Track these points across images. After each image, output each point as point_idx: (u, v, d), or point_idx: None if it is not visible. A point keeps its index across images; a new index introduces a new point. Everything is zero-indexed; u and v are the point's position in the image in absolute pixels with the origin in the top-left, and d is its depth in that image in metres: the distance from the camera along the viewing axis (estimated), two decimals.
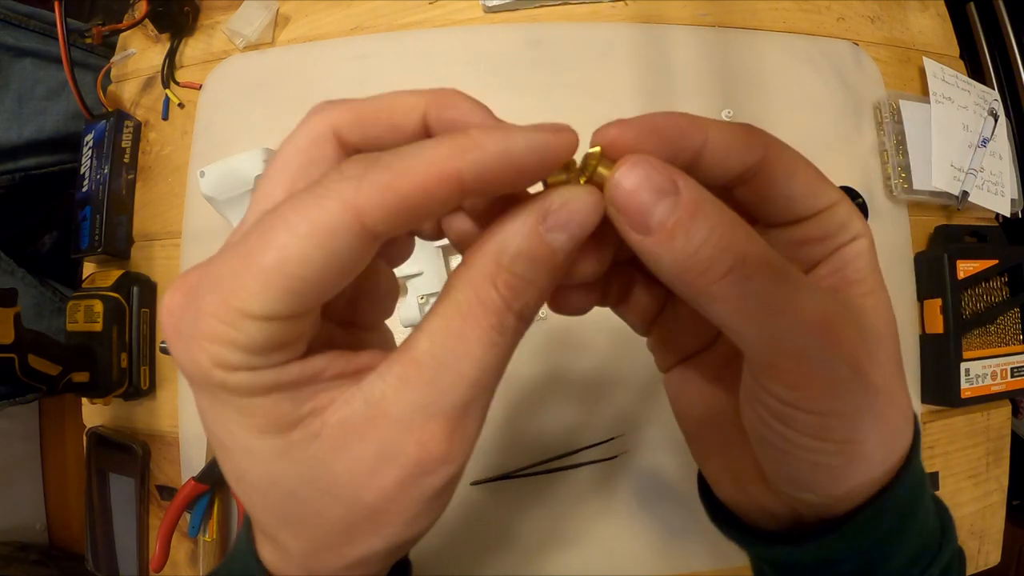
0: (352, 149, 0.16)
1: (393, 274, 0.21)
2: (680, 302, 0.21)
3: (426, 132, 0.16)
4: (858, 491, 0.18)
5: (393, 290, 0.21)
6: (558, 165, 0.16)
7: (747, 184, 0.17)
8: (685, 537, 0.49)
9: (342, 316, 0.19)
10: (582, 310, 0.21)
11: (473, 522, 0.49)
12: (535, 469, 0.48)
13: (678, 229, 0.15)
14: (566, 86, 0.55)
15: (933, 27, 0.63)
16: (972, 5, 0.84)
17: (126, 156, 0.57)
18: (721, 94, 0.56)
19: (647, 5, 0.58)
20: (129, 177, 0.57)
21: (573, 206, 0.16)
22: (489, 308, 0.15)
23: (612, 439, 0.49)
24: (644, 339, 0.24)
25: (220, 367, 0.14)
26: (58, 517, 1.11)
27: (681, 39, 0.57)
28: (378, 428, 0.15)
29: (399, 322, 0.49)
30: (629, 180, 0.15)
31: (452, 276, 0.16)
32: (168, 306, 0.15)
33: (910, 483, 0.18)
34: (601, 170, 0.16)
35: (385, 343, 0.22)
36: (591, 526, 0.49)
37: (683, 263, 0.15)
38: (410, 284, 0.49)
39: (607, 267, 0.19)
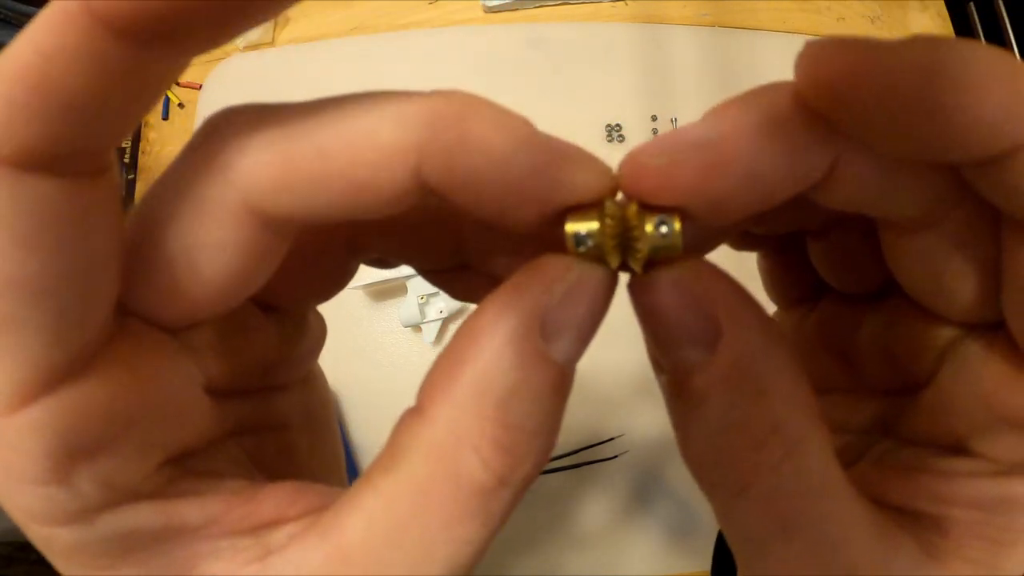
0: (280, 224, 0.10)
1: (322, 319, 0.17)
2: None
3: (421, 190, 0.10)
4: None
5: (318, 342, 0.17)
6: (561, 199, 0.10)
7: None
8: (685, 537, 0.49)
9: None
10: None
11: None
12: None
13: (709, 392, 0.10)
14: (566, 86, 0.55)
15: (933, 27, 0.63)
16: (972, 5, 0.84)
17: (126, 156, 0.57)
18: (721, 94, 0.54)
19: (647, 5, 0.58)
20: (129, 177, 0.57)
21: (587, 291, 0.10)
22: (467, 489, 0.09)
23: (612, 439, 0.49)
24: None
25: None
26: None
27: (681, 39, 0.57)
28: None
29: (400, 322, 0.49)
30: (662, 294, 0.11)
31: (403, 423, 0.10)
32: None
33: None
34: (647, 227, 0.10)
35: (310, 421, 0.16)
36: (591, 526, 0.49)
37: (709, 442, 0.11)
38: (410, 284, 0.49)
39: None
